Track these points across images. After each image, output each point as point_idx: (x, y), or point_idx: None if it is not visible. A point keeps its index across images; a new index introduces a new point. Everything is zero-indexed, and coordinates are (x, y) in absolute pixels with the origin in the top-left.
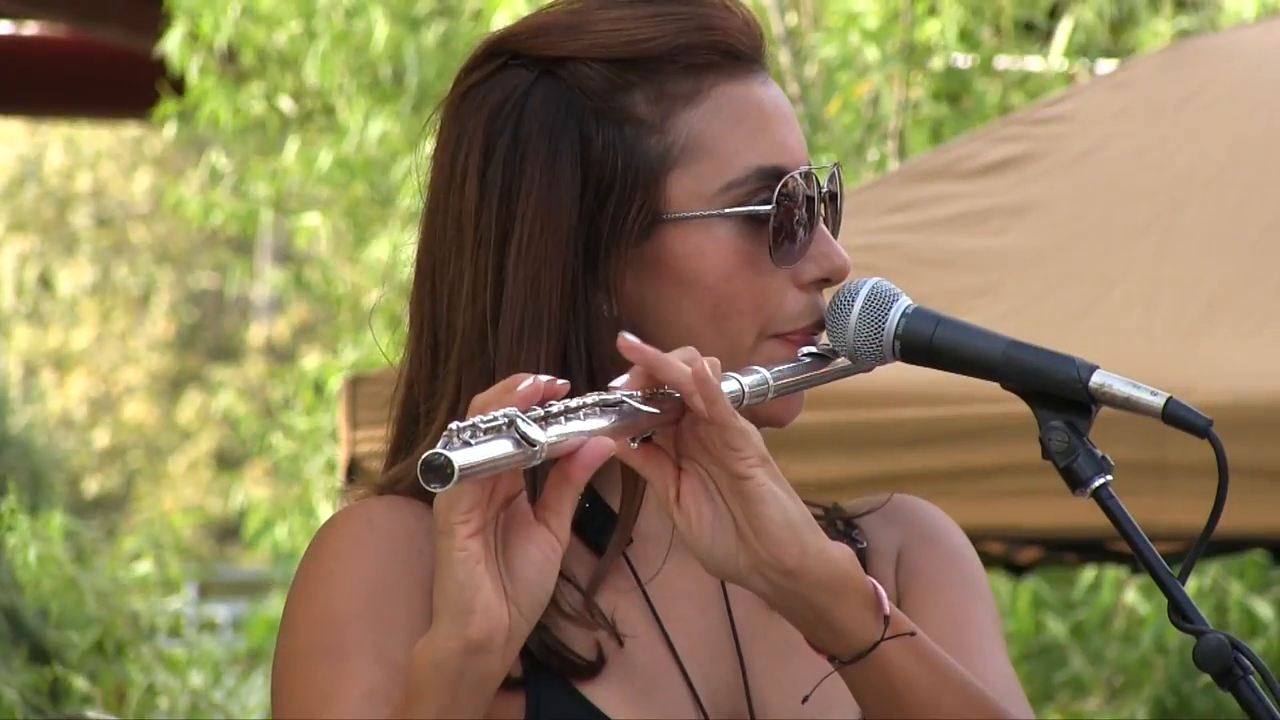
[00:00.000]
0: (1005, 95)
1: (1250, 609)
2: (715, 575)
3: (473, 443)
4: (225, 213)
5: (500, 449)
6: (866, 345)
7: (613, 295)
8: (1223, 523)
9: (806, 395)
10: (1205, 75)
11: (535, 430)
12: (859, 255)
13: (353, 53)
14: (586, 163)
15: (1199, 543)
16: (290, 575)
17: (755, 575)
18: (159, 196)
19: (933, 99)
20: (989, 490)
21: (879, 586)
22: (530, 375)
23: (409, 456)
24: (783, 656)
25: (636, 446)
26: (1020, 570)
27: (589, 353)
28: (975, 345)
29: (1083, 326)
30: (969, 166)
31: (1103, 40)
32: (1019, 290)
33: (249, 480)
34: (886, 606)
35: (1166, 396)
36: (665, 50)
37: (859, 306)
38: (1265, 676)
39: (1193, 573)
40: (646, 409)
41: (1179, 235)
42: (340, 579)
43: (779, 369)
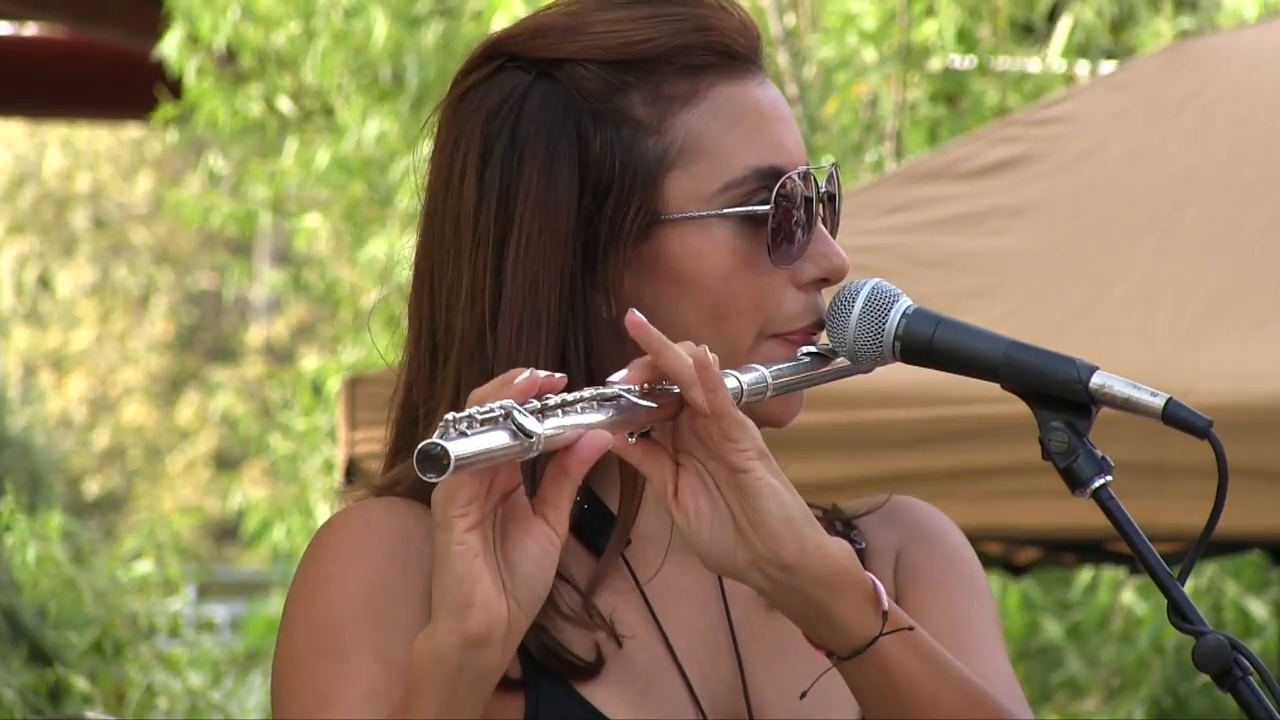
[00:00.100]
0: (1003, 96)
1: (1245, 609)
2: (713, 571)
3: (469, 433)
4: (224, 215)
5: (496, 440)
6: (867, 346)
7: (611, 296)
8: (1221, 523)
9: (805, 396)
10: (1205, 76)
11: (532, 422)
12: (858, 256)
13: (352, 53)
14: (584, 164)
15: (1199, 543)
16: (289, 575)
17: (753, 570)
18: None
19: (930, 100)
20: (988, 491)
21: (877, 582)
22: (527, 369)
23: (408, 458)
24: (781, 656)
25: (634, 441)
26: (1019, 571)
27: (587, 354)
28: (975, 346)
29: (1082, 327)
30: (968, 167)
31: (1102, 40)
32: (1018, 291)
33: (247, 480)
34: (885, 602)
35: (1166, 397)
36: (662, 51)
37: (859, 307)
38: (1264, 677)
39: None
40: (644, 403)
41: (1178, 236)
42: (339, 580)
43: (778, 368)
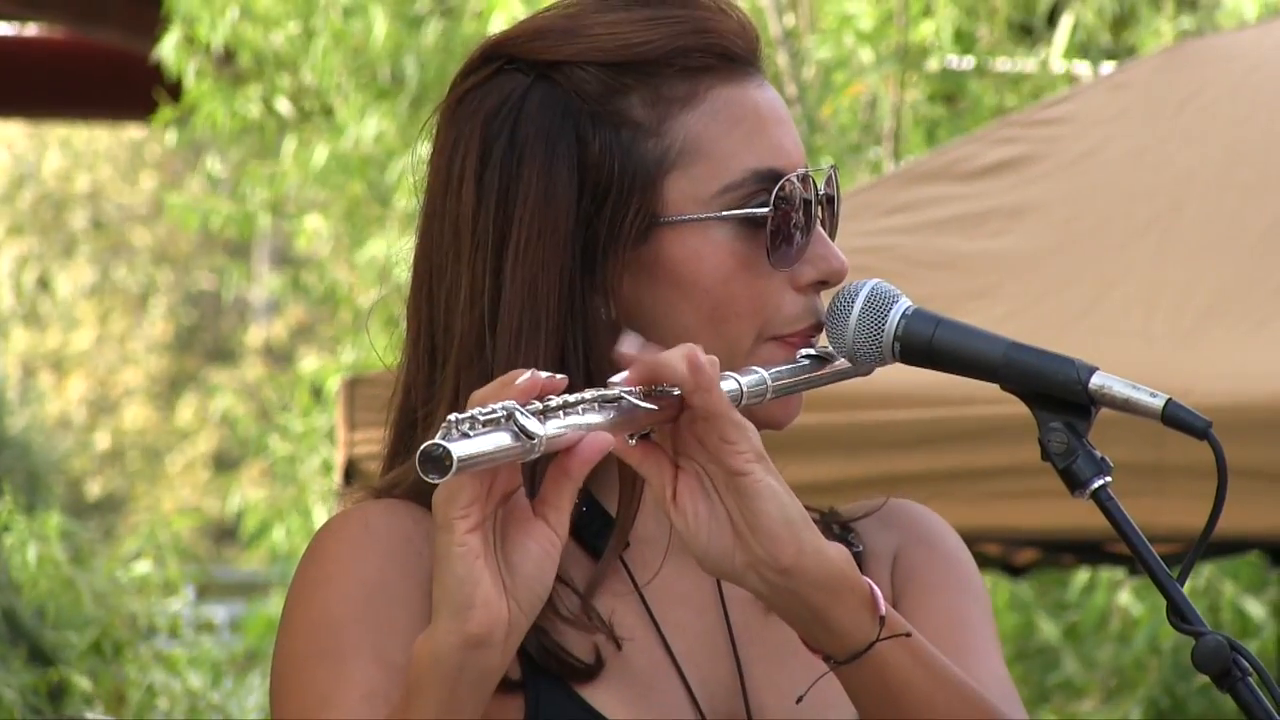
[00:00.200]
0: (1001, 97)
1: (1243, 610)
2: (711, 574)
3: (471, 434)
4: (223, 217)
5: (498, 441)
6: (866, 346)
7: (610, 298)
8: (1220, 524)
9: (805, 397)
10: (1204, 77)
11: (534, 423)
12: (858, 257)
13: (351, 52)
14: (583, 166)
15: (1198, 544)
16: (288, 576)
17: (751, 573)
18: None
19: (929, 100)
20: (988, 491)
21: (875, 586)
22: (528, 370)
23: (406, 460)
24: (779, 659)
25: (634, 443)
26: (1018, 572)
27: (587, 356)
28: (975, 347)
29: (1081, 328)
30: (968, 168)
31: (1103, 40)
32: (1018, 292)
33: (246, 481)
34: (882, 607)
35: (1165, 398)
36: (661, 53)
37: (859, 308)
38: (1264, 678)
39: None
40: (645, 405)
41: (1178, 237)
42: (338, 582)
43: (777, 370)
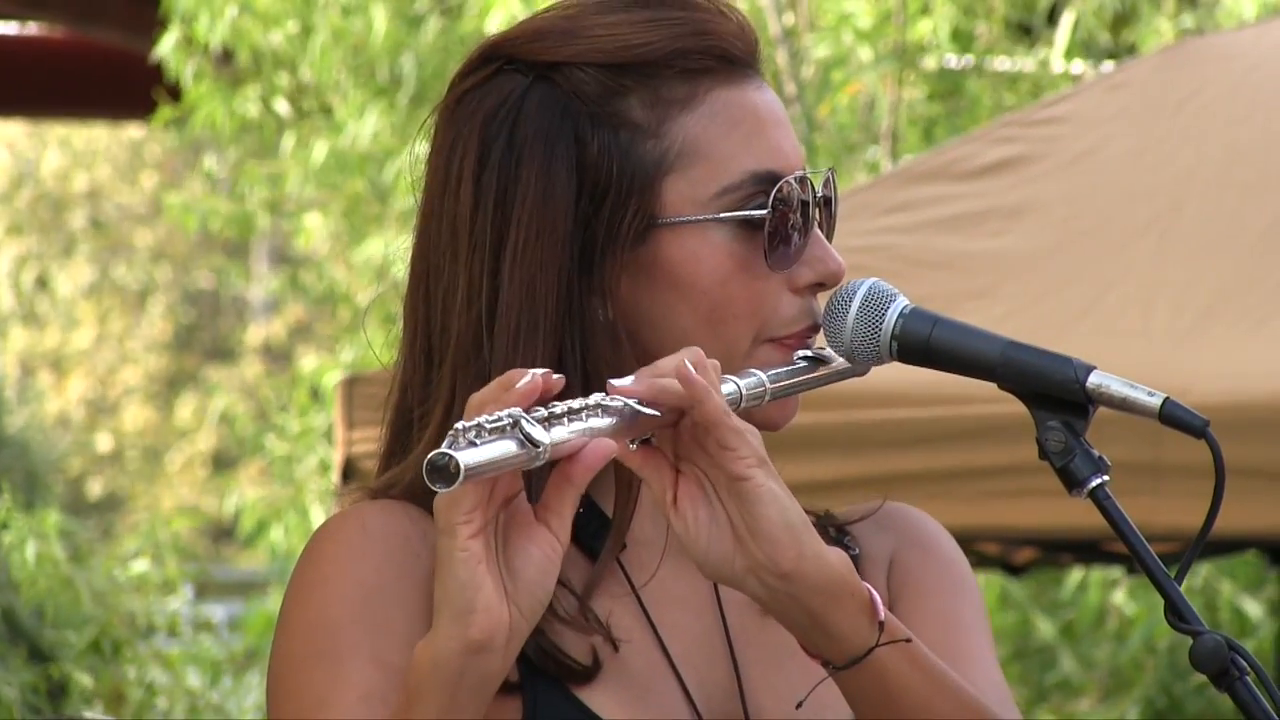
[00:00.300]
0: (999, 96)
1: (1240, 609)
2: (711, 578)
3: (478, 443)
4: (222, 218)
5: (504, 449)
6: (864, 346)
7: (608, 300)
8: (1218, 523)
9: (801, 397)
10: (1203, 76)
11: (539, 431)
12: (856, 257)
13: (350, 50)
14: (582, 167)
15: (1196, 543)
16: (286, 575)
17: (751, 578)
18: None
19: (928, 99)
20: (986, 491)
21: (874, 592)
22: (527, 370)
23: (403, 460)
24: (777, 661)
25: (635, 448)
26: (1016, 571)
27: (584, 356)
28: (973, 345)
29: (1080, 327)
30: (966, 168)
31: (1102, 39)
32: (1016, 292)
33: (245, 480)
34: (882, 612)
35: (1163, 397)
36: (661, 55)
37: (856, 307)
38: (1261, 677)
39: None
40: (647, 411)
41: (1177, 236)
42: (335, 584)
43: (775, 372)
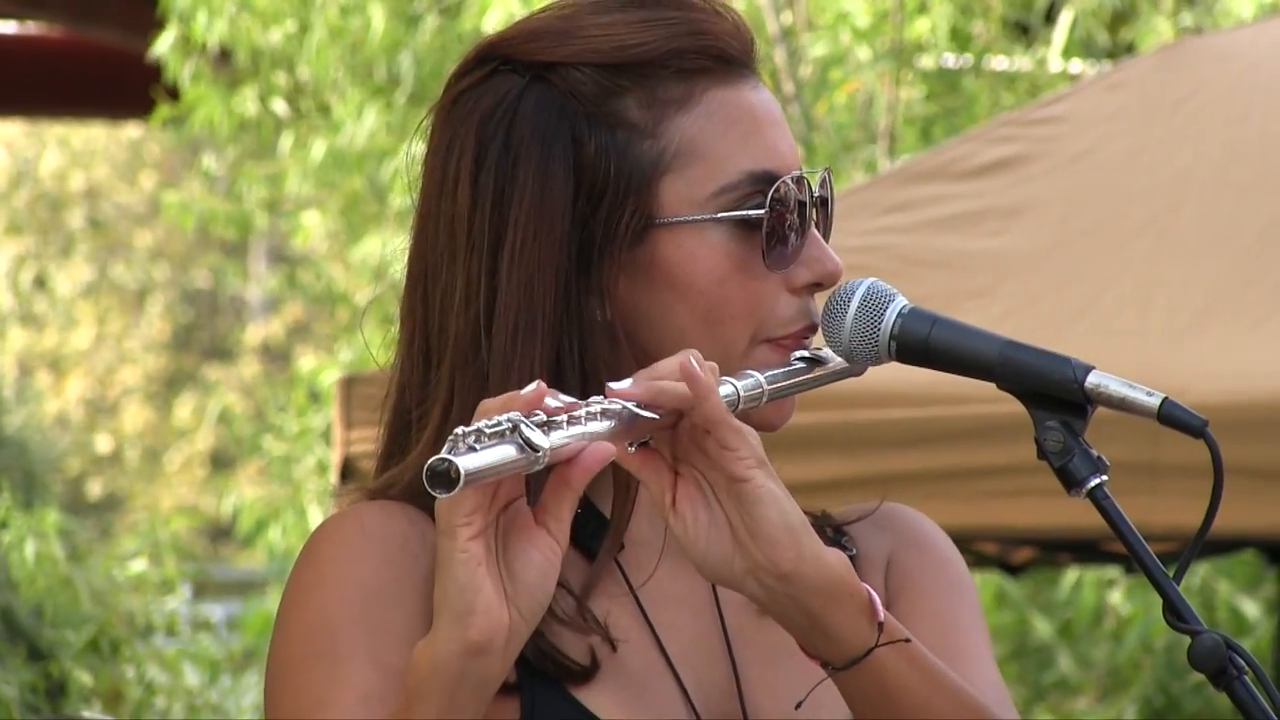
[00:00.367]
0: (997, 96)
1: (1237, 608)
2: (710, 580)
3: (478, 448)
4: (221, 218)
5: (504, 454)
6: (862, 345)
7: (606, 300)
8: (1216, 522)
9: (799, 397)
10: (1201, 76)
11: (538, 435)
12: (854, 256)
13: (348, 49)
14: (579, 167)
15: (1194, 542)
16: (285, 574)
17: (750, 579)
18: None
19: (927, 99)
20: (984, 490)
21: (873, 593)
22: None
23: (401, 462)
24: (775, 661)
25: (634, 451)
26: (1015, 570)
27: (582, 357)
28: (971, 345)
29: (1078, 327)
30: (964, 167)
31: (1100, 38)
32: (1015, 291)
33: (243, 479)
34: (881, 613)
35: (1162, 397)
36: (657, 55)
37: (855, 307)
38: (1260, 676)
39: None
40: (646, 414)
41: (1175, 236)
42: (333, 584)
43: (773, 373)
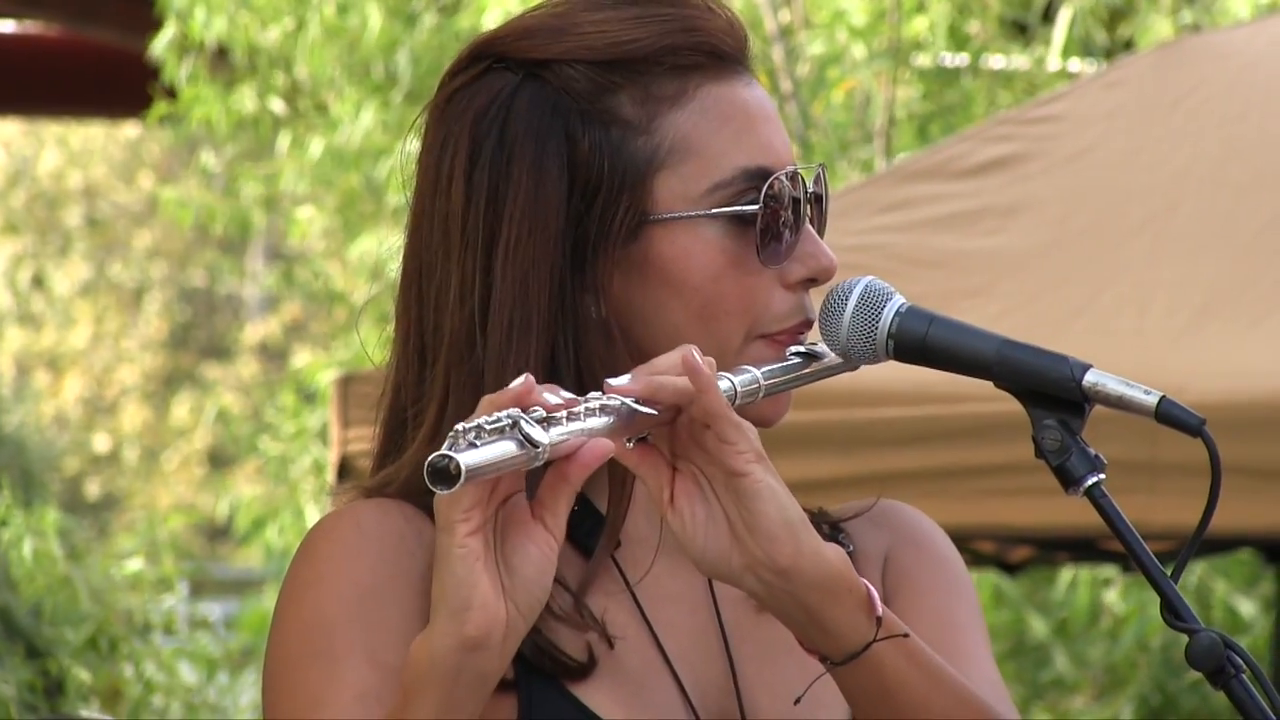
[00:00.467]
0: (994, 94)
1: (1233, 608)
2: (708, 575)
3: (478, 444)
4: (217, 216)
5: (504, 450)
6: (860, 344)
7: (601, 296)
8: (1213, 521)
9: (796, 394)
10: (1198, 75)
11: (538, 431)
12: (851, 255)
13: (345, 48)
14: (573, 164)
15: (1192, 541)
16: (282, 572)
17: (748, 574)
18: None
19: (924, 98)
20: (982, 489)
21: (872, 588)
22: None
23: (397, 460)
24: (772, 658)
25: (632, 446)
26: (1012, 569)
27: (577, 354)
28: (969, 344)
29: (1076, 326)
30: (961, 166)
31: (1098, 37)
32: (1012, 290)
33: (241, 478)
34: (879, 608)
35: (1160, 395)
36: (650, 51)
37: (853, 305)
38: (1257, 675)
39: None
40: (644, 409)
41: (1172, 235)
42: (330, 583)
43: (769, 368)
